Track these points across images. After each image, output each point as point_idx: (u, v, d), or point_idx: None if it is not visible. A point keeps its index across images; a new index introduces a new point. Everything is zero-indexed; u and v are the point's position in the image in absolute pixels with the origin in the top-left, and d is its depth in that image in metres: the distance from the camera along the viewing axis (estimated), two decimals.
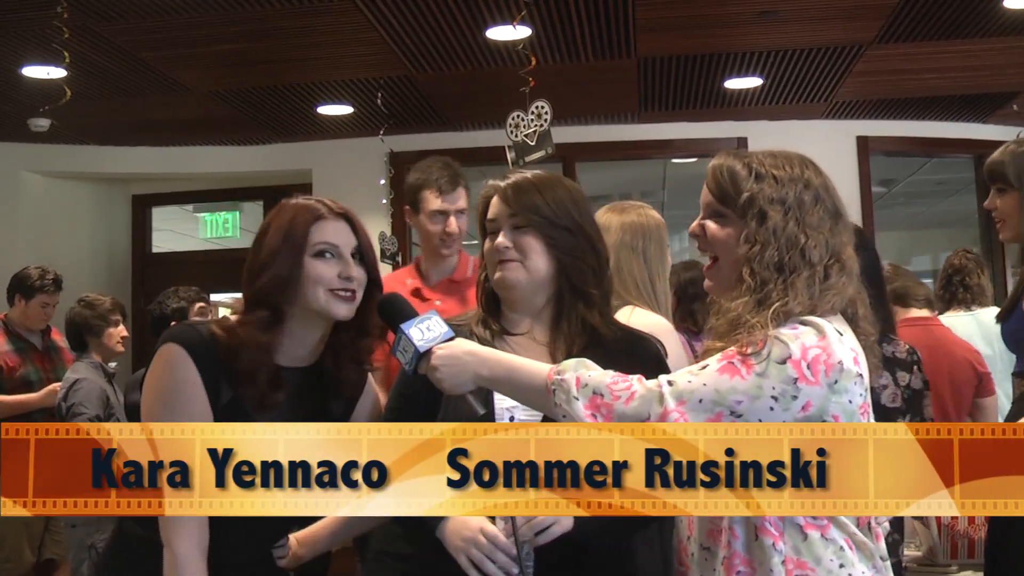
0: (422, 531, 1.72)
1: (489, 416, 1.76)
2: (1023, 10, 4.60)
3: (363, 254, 1.80)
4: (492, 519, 1.66)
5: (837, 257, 1.61)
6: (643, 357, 1.83)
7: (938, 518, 2.88)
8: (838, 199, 1.67)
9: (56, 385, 4.31)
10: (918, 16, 4.69)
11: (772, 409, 1.50)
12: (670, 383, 1.51)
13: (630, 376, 1.54)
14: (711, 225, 1.67)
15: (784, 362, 1.50)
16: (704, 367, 1.52)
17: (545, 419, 1.72)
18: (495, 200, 1.87)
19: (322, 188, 6.69)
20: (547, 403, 1.55)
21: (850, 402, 1.55)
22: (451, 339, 1.65)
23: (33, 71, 4.89)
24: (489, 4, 4.37)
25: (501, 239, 1.82)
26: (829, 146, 6.62)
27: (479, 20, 4.57)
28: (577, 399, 1.51)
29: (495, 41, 4.85)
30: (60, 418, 4.05)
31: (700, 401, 1.49)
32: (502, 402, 1.77)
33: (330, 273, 1.74)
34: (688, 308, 3.95)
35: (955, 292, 4.44)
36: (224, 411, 1.70)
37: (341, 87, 5.65)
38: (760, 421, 1.50)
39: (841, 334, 1.57)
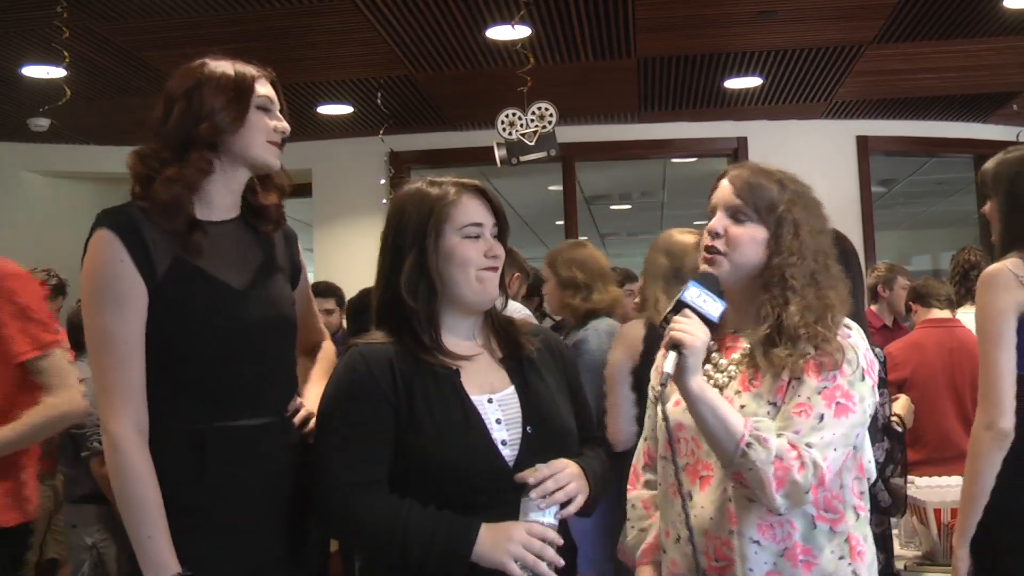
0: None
1: (486, 439, 1.75)
2: (1023, 10, 4.60)
3: (284, 113, 1.92)
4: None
5: (839, 270, 1.81)
6: (554, 342, 1.98)
7: (938, 518, 2.88)
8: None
9: None
10: (918, 16, 4.69)
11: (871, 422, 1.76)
12: (809, 445, 1.63)
13: (791, 438, 1.64)
14: (738, 227, 1.78)
15: (864, 377, 1.70)
16: (821, 417, 1.65)
17: (524, 441, 1.76)
18: (483, 204, 1.84)
19: (322, 188, 6.71)
20: (735, 449, 1.63)
21: None
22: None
23: (33, 71, 4.90)
24: (489, 4, 4.38)
25: (494, 244, 1.83)
26: (829, 146, 6.63)
27: (479, 20, 4.57)
28: (771, 464, 1.61)
29: (495, 41, 4.86)
30: None
31: (835, 450, 1.65)
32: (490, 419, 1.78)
33: (268, 126, 1.85)
34: None
35: (971, 288, 4.44)
36: (171, 275, 1.74)
37: (341, 87, 5.66)
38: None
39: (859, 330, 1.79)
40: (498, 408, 1.78)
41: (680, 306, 1.70)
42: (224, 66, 1.85)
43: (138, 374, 1.71)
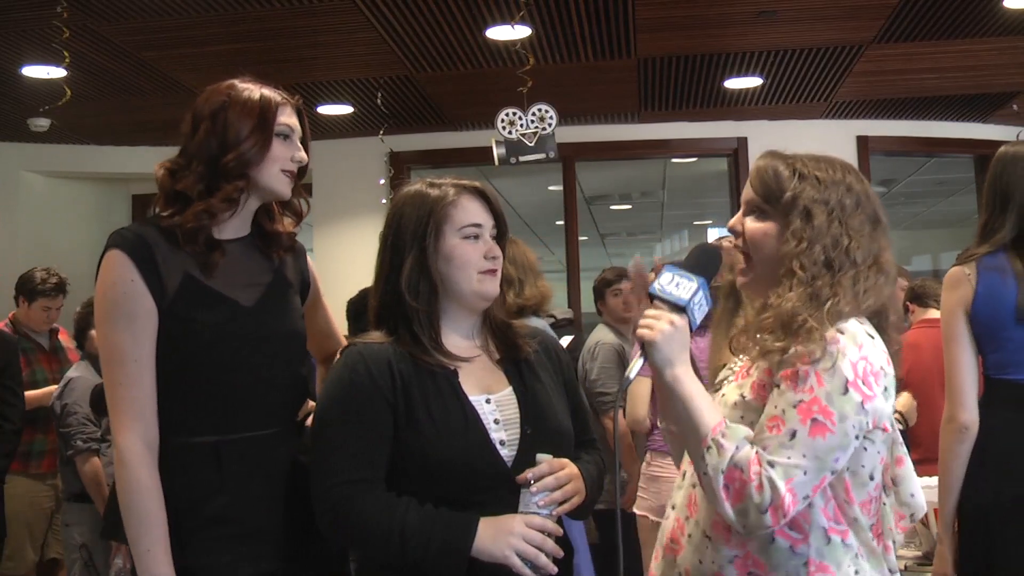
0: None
1: (484, 439, 1.75)
2: (1023, 10, 4.60)
3: (305, 142, 1.93)
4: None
5: (876, 260, 1.65)
6: (549, 342, 1.97)
7: (938, 518, 2.88)
8: (878, 205, 1.70)
9: (53, 388, 4.31)
10: (918, 16, 4.69)
11: (866, 449, 1.57)
12: (771, 464, 1.50)
13: (759, 453, 1.52)
14: (751, 222, 1.69)
15: (847, 391, 1.52)
16: (792, 434, 1.51)
17: (523, 441, 1.76)
18: (482, 205, 1.85)
19: (322, 188, 6.71)
20: (698, 449, 1.55)
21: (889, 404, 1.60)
22: (691, 329, 1.62)
23: (33, 71, 4.89)
24: (489, 4, 4.38)
25: (493, 246, 1.83)
26: (829, 146, 6.51)
27: (479, 20, 4.57)
28: (722, 472, 1.51)
29: (495, 41, 4.85)
30: (56, 417, 4.05)
31: (805, 474, 1.50)
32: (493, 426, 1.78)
33: (286, 154, 1.87)
34: None
35: None
36: (181, 294, 1.78)
37: (341, 87, 5.65)
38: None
39: (872, 337, 1.60)
40: (496, 408, 1.79)
41: (676, 305, 1.60)
42: (251, 90, 1.87)
43: (148, 391, 1.75)
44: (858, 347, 1.55)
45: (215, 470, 1.77)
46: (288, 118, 1.88)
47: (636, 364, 1.60)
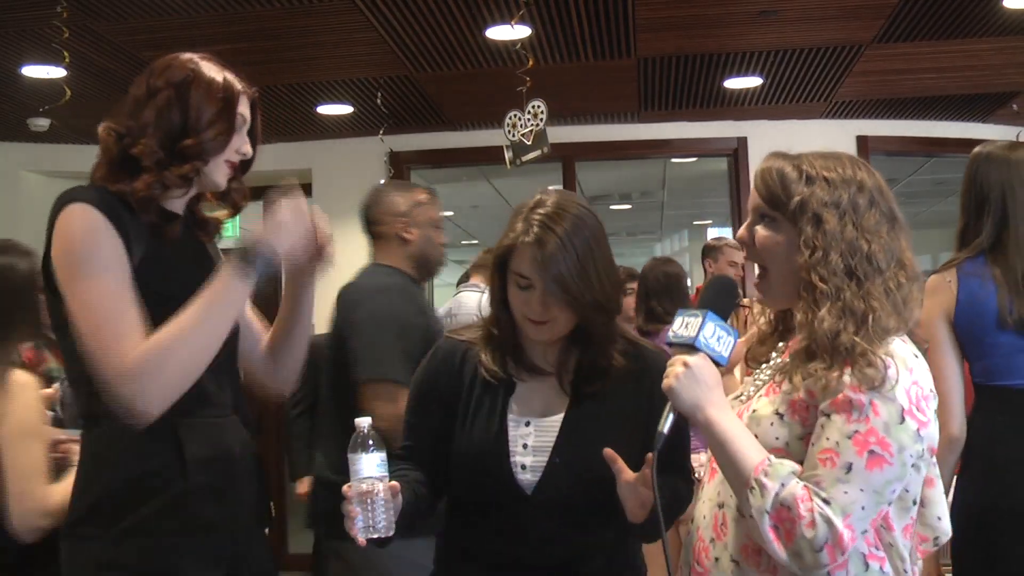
0: None
1: (501, 460, 1.80)
2: (1023, 10, 4.60)
3: (254, 133, 1.89)
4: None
5: (900, 263, 1.55)
6: (651, 371, 1.78)
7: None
8: (892, 201, 1.60)
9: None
10: (918, 16, 4.69)
11: (919, 473, 1.51)
12: (826, 501, 1.42)
13: (812, 489, 1.44)
14: (761, 230, 1.60)
15: (903, 420, 1.44)
16: (848, 467, 1.42)
17: (549, 469, 1.77)
18: (528, 258, 1.75)
19: (322, 188, 6.71)
20: (742, 491, 1.48)
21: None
22: (720, 364, 1.55)
23: (33, 71, 4.90)
24: (489, 4, 4.38)
25: (536, 306, 1.77)
26: (829, 146, 6.55)
27: (479, 20, 4.57)
28: (767, 513, 1.44)
29: (495, 41, 4.85)
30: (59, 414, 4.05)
31: (863, 508, 1.43)
32: (516, 430, 1.82)
33: (235, 145, 1.83)
34: (648, 305, 4.15)
35: None
36: (143, 262, 1.70)
37: (341, 87, 5.65)
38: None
39: (917, 356, 1.52)
40: (533, 433, 1.81)
41: (689, 345, 1.53)
42: (215, 71, 1.82)
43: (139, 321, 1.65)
44: (909, 371, 1.47)
45: (173, 451, 1.70)
46: (243, 108, 1.85)
47: (667, 416, 1.54)
